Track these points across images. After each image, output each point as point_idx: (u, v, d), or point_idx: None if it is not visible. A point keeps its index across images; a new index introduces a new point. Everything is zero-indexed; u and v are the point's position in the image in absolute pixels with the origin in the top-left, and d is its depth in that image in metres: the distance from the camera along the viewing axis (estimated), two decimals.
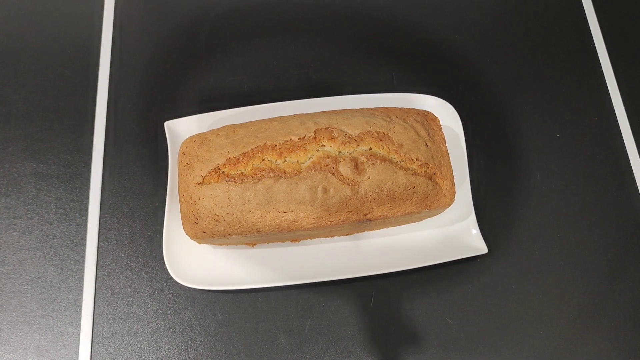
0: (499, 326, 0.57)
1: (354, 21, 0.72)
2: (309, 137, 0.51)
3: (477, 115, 0.66)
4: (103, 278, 0.59)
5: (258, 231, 0.50)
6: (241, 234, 0.51)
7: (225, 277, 0.55)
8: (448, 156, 0.54)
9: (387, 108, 0.55)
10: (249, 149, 0.51)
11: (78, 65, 0.68)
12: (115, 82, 0.67)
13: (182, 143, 0.55)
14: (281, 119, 0.54)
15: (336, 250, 0.58)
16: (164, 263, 0.55)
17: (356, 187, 0.49)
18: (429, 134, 0.54)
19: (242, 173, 0.50)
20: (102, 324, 0.57)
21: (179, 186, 0.53)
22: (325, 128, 0.51)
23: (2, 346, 0.56)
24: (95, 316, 0.57)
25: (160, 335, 0.56)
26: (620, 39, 0.72)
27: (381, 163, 0.50)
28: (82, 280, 0.58)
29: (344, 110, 0.55)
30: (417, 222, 0.59)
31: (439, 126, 0.56)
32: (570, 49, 0.71)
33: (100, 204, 0.62)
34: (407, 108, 0.56)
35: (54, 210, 0.61)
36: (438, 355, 0.56)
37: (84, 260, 0.59)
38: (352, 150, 0.50)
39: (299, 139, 0.51)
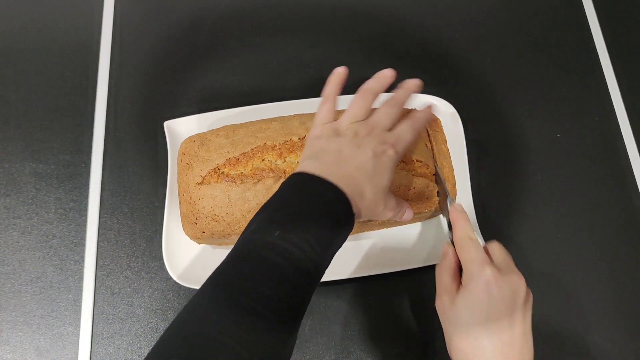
0: None
1: (354, 21, 0.72)
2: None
3: (477, 115, 0.66)
4: (103, 278, 0.58)
5: None
6: (241, 235, 0.51)
7: None
8: (449, 157, 0.54)
9: None
10: (249, 149, 0.51)
11: (78, 65, 0.68)
12: (115, 82, 0.67)
13: (182, 143, 0.55)
14: (281, 119, 0.54)
15: None
16: (164, 263, 0.55)
17: None
18: (429, 135, 0.54)
19: (241, 173, 0.50)
20: (101, 324, 0.57)
21: (179, 186, 0.53)
22: None
23: (2, 346, 0.56)
24: (94, 316, 0.57)
25: (160, 336, 0.56)
26: (620, 39, 0.72)
27: None
28: (82, 280, 0.58)
29: (344, 110, 0.55)
30: (417, 222, 0.59)
31: (440, 127, 0.56)
32: (570, 49, 0.71)
33: (100, 204, 0.61)
34: (407, 108, 0.56)
35: (53, 210, 0.61)
36: (439, 355, 0.56)
37: (83, 261, 0.59)
38: None
39: (299, 139, 0.51)
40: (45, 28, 0.70)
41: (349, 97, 0.46)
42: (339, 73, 0.47)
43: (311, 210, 0.38)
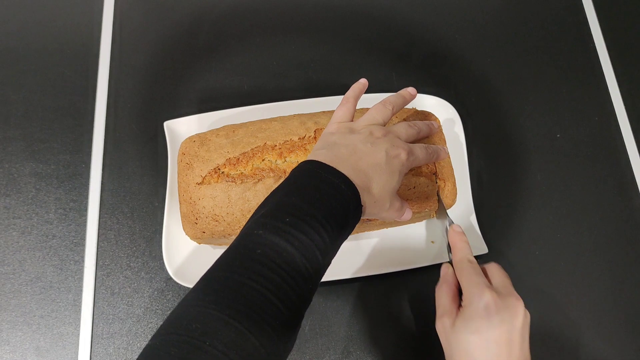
0: None
1: (354, 21, 0.72)
2: (309, 137, 0.51)
3: (477, 115, 0.66)
4: (102, 278, 0.58)
5: None
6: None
7: None
8: (449, 157, 0.54)
9: None
10: (249, 149, 0.51)
11: (78, 65, 0.68)
12: (115, 82, 0.67)
13: (182, 143, 0.55)
14: (281, 119, 0.54)
15: None
16: (164, 263, 0.55)
17: None
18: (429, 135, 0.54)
19: (242, 173, 0.50)
20: (101, 325, 0.57)
21: (179, 186, 0.53)
22: None
23: (2, 346, 0.56)
24: (94, 316, 0.57)
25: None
26: (620, 39, 0.72)
27: None
28: (82, 280, 0.58)
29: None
30: (417, 222, 0.59)
31: (440, 127, 0.56)
32: (570, 49, 0.71)
33: (100, 204, 0.61)
34: (407, 108, 0.56)
35: (53, 210, 0.61)
36: (439, 356, 0.56)
37: (83, 261, 0.59)
38: None
39: (299, 138, 0.51)
40: (45, 28, 0.70)
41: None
42: (363, 83, 0.49)
43: (323, 197, 0.38)
